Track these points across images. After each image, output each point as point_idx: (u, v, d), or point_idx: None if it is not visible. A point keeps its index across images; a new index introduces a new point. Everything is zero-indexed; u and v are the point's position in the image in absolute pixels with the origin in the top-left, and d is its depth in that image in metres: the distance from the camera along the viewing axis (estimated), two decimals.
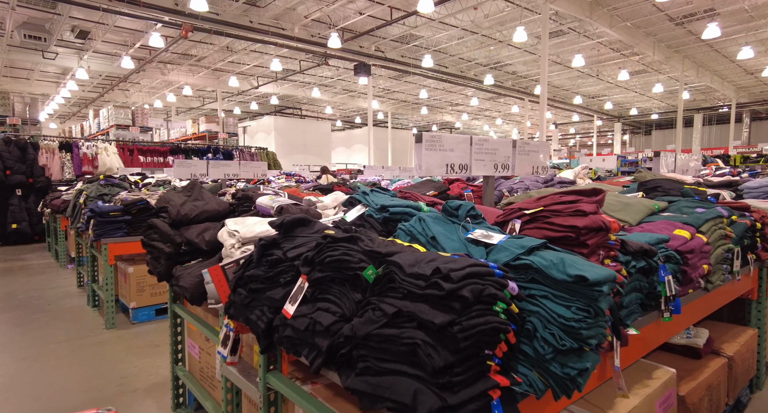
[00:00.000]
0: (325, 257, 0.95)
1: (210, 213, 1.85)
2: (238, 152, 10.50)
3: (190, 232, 1.71)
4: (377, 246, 0.93)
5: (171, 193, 1.95)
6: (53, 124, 28.29)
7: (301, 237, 1.15)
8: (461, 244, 1.01)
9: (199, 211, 1.82)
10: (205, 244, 1.63)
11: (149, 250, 1.82)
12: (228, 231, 1.47)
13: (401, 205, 1.29)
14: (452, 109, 28.59)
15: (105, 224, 2.99)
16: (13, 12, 12.23)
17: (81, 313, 3.59)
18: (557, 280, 0.83)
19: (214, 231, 1.66)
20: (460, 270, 0.75)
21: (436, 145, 1.79)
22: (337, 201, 1.84)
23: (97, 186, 3.61)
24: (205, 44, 15.54)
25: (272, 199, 1.72)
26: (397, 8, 12.69)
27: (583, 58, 14.89)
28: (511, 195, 2.14)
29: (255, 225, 1.45)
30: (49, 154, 7.00)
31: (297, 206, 1.68)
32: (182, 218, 1.78)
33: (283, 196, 1.86)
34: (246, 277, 1.16)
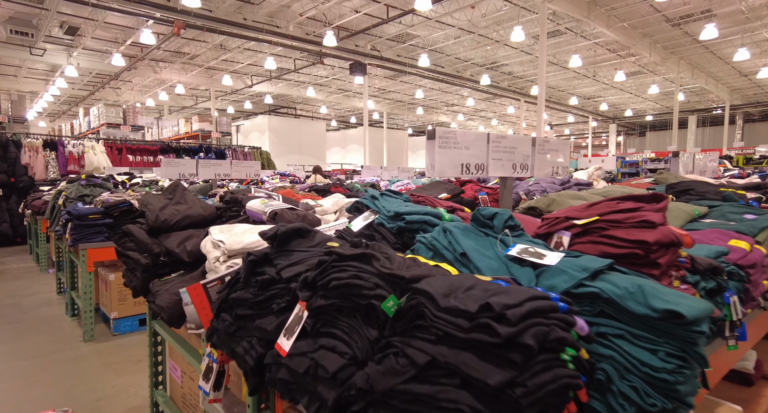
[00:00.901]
0: (329, 280, 0.75)
1: (194, 219, 1.64)
2: (231, 151, 10.25)
3: (170, 241, 1.50)
4: (397, 266, 0.73)
5: (150, 196, 1.74)
6: (42, 122, 27.75)
7: (299, 252, 0.94)
8: (500, 263, 0.81)
9: (181, 216, 1.61)
10: (187, 255, 1.41)
11: (124, 261, 1.61)
12: (212, 241, 1.26)
13: (419, 211, 1.09)
14: (448, 110, 28.50)
15: (84, 228, 2.76)
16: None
17: (58, 323, 3.34)
18: (637, 315, 0.64)
19: (198, 239, 1.45)
20: (517, 306, 0.55)
21: (450, 142, 1.59)
22: (338, 205, 1.63)
23: (78, 186, 3.36)
24: (198, 42, 15.24)
25: (264, 202, 1.51)
26: (393, 6, 12.51)
27: (580, 59, 14.80)
28: (529, 198, 1.95)
29: (244, 234, 1.25)
30: (32, 153, 6.71)
31: (293, 211, 1.48)
32: (162, 224, 1.56)
33: (277, 199, 1.65)
34: (231, 300, 0.95)
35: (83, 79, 19.09)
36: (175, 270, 1.50)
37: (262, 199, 1.58)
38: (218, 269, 1.18)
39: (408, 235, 1.08)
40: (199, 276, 1.32)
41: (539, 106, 12.81)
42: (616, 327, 0.64)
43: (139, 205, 1.72)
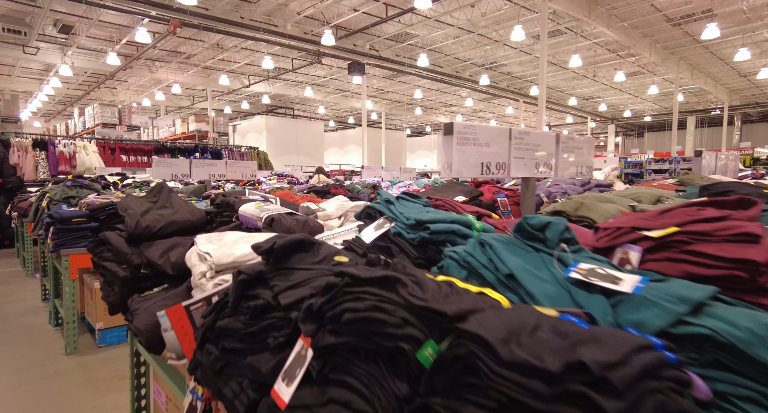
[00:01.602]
0: (341, 311, 0.57)
1: (180, 225, 1.46)
2: (228, 152, 10.05)
3: (152, 250, 1.32)
4: (432, 296, 0.55)
5: (131, 199, 1.55)
6: (37, 122, 27.46)
7: (301, 271, 0.77)
8: (560, 289, 0.63)
9: (165, 222, 1.43)
10: (171, 267, 1.24)
11: (101, 273, 1.43)
12: (198, 252, 1.08)
13: (445, 219, 0.91)
14: (446, 110, 28.40)
15: (66, 232, 2.57)
16: None
17: (40, 334, 3.14)
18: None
19: (184, 249, 1.27)
20: (621, 364, 0.38)
21: (470, 138, 1.42)
22: (342, 209, 1.45)
23: (63, 188, 3.16)
24: (195, 41, 15.05)
25: (260, 207, 1.34)
26: (392, 5, 12.36)
27: (580, 59, 14.70)
28: (552, 201, 1.78)
29: (235, 244, 1.07)
30: (21, 152, 6.50)
31: (292, 217, 1.30)
32: (143, 232, 1.38)
33: (275, 202, 1.48)
34: (218, 329, 0.78)
35: (78, 78, 18.86)
36: (158, 283, 1.32)
37: (257, 202, 1.40)
38: (204, 287, 1.00)
39: (432, 248, 0.90)
40: (184, 292, 1.14)
41: (540, 106, 12.68)
42: (742, 386, 0.46)
43: (119, 209, 1.54)
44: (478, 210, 1.21)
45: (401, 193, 1.07)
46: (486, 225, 0.91)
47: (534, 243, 0.74)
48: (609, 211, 1.50)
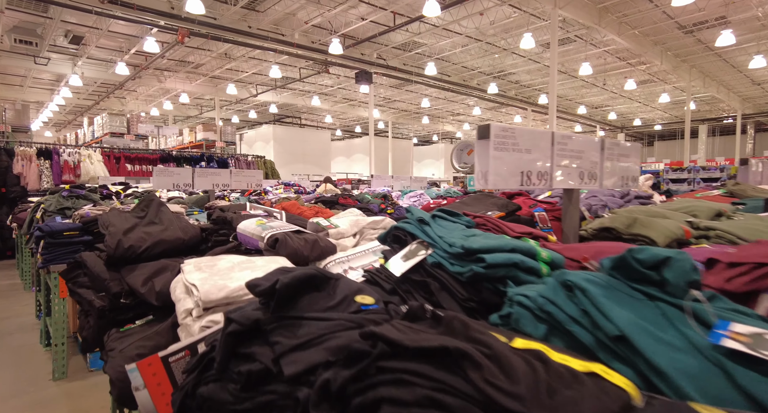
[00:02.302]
0: (375, 399, 0.36)
1: (170, 244, 1.26)
2: (234, 160, 9.94)
3: (135, 276, 1.12)
4: (525, 385, 0.34)
5: (113, 214, 1.36)
6: (48, 132, 27.79)
7: (312, 321, 0.56)
8: (703, 362, 0.40)
9: (152, 242, 1.23)
10: (156, 297, 1.03)
11: (77, 301, 1.23)
12: (185, 282, 0.88)
13: (502, 247, 0.68)
14: (453, 119, 28.31)
15: (57, 246, 2.39)
16: (2, 15, 11.78)
17: (29, 355, 2.95)
18: None
19: (172, 273, 1.07)
20: None
21: (509, 142, 1.21)
22: (357, 226, 1.25)
23: (59, 198, 3.00)
24: (203, 51, 15.12)
25: (262, 223, 1.14)
26: (400, 14, 12.32)
27: (590, 67, 14.53)
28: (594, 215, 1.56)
29: (230, 272, 0.87)
30: (25, 161, 6.41)
31: (300, 235, 1.10)
32: (125, 253, 1.19)
33: (280, 217, 1.28)
34: (199, 398, 0.57)
35: (88, 88, 19.03)
36: (141, 314, 1.12)
37: (258, 218, 1.20)
38: (190, 329, 0.80)
39: (487, 286, 0.67)
40: (169, 330, 0.94)
41: (551, 115, 12.49)
42: None
43: (99, 225, 1.35)
44: (532, 231, 0.99)
45: (437, 211, 0.86)
46: (554, 255, 0.70)
47: (645, 287, 0.52)
48: (670, 229, 1.28)
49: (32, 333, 3.31)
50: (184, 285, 0.88)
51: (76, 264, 1.27)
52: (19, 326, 3.52)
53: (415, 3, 11.72)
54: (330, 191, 8.33)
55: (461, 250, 0.67)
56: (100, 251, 1.26)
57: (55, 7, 11.20)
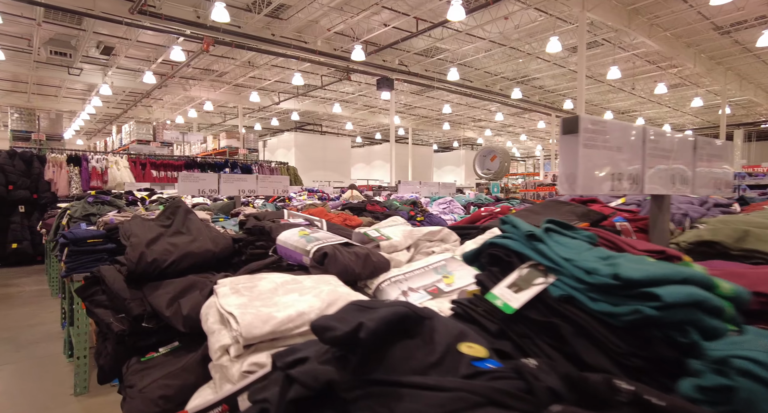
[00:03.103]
0: None
1: (198, 257, 1.11)
2: (258, 167, 9.95)
3: (158, 295, 0.97)
4: None
5: (136, 223, 1.21)
6: (80, 140, 28.82)
7: (415, 390, 0.37)
8: None
9: (178, 255, 1.08)
10: (183, 322, 0.88)
11: (95, 322, 1.08)
12: (218, 308, 0.71)
13: (672, 277, 0.47)
14: (474, 125, 27.99)
15: (81, 254, 2.30)
16: (39, 28, 12.26)
17: (51, 367, 2.86)
18: None
19: (201, 293, 0.92)
20: None
21: (599, 138, 1.02)
22: (412, 237, 1.06)
23: (84, 204, 2.94)
24: (227, 59, 15.38)
25: (305, 234, 0.97)
26: (423, 19, 12.22)
27: (618, 71, 14.08)
28: (679, 226, 1.34)
29: (273, 296, 0.69)
30: (56, 168, 6.52)
31: (349, 249, 0.93)
32: (147, 268, 1.04)
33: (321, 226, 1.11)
34: None
35: (117, 97, 19.64)
36: (166, 340, 0.96)
37: (301, 228, 1.04)
38: (227, 372, 0.62)
39: (657, 334, 0.45)
40: (198, 364, 0.77)
41: None
42: None
43: (120, 235, 1.20)
44: (665, 250, 0.76)
45: (547, 221, 0.66)
46: (737, 288, 0.49)
47: None
48: None
49: (57, 342, 3.25)
50: (219, 313, 0.71)
51: (93, 280, 1.13)
52: (44, 334, 3.47)
53: (438, 8, 11.61)
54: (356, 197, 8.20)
55: (611, 281, 0.47)
56: (120, 264, 1.12)
57: (88, 19, 11.60)
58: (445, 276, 0.91)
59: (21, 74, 16.24)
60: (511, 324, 0.52)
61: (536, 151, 35.69)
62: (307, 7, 11.43)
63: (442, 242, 1.08)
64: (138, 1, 9.76)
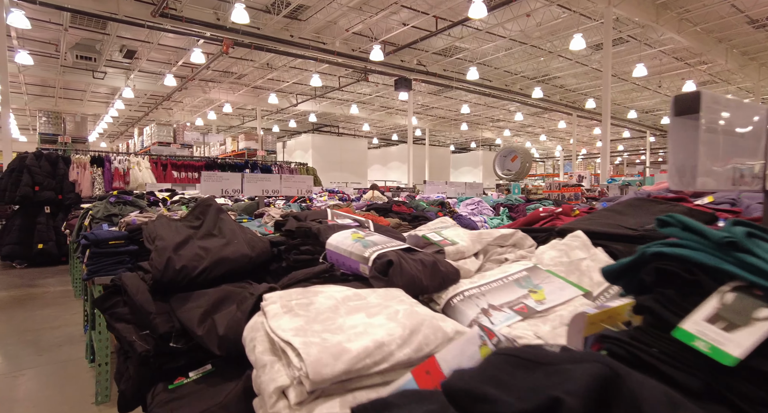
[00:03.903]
0: None
1: (234, 263, 0.96)
2: (277, 168, 9.92)
3: (189, 310, 0.82)
4: None
5: (161, 224, 1.07)
6: (103, 143, 29.54)
7: None
8: None
9: (211, 261, 0.93)
10: (218, 344, 0.73)
11: (116, 338, 0.94)
12: (271, 333, 0.55)
13: None
14: (493, 126, 27.60)
15: (102, 256, 2.20)
16: (66, 33, 12.56)
17: (74, 372, 2.79)
18: None
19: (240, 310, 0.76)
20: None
21: (718, 122, 0.85)
22: (481, 241, 0.89)
23: (106, 204, 2.86)
24: (246, 61, 15.48)
25: (360, 238, 0.82)
26: (442, 18, 12.03)
27: (645, 68, 13.60)
28: None
29: (335, 316, 0.52)
30: (80, 169, 6.57)
31: (414, 256, 0.77)
32: (176, 276, 0.90)
33: (369, 228, 0.95)
34: None
35: (139, 100, 20.01)
36: (197, 363, 0.81)
37: (353, 230, 0.88)
38: None
39: None
40: (240, 400, 0.62)
41: (604, 120, 11.75)
42: None
43: (144, 238, 1.06)
44: None
45: (737, 223, 0.49)
46: None
47: None
48: None
49: (79, 345, 3.19)
50: (269, 339, 0.55)
51: (114, 289, 1.00)
52: (67, 337, 3.42)
53: (458, 6, 11.41)
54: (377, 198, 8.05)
55: None
56: (144, 271, 0.98)
57: (112, 24, 11.81)
58: (533, 291, 0.74)
59: (49, 79, 16.69)
60: (731, 381, 0.35)
61: (556, 152, 34.98)
62: (325, 8, 11.38)
63: (515, 247, 0.91)
64: (160, 4, 9.86)
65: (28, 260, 6.65)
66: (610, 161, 29.25)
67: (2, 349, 3.29)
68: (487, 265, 0.87)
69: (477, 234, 0.92)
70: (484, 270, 0.86)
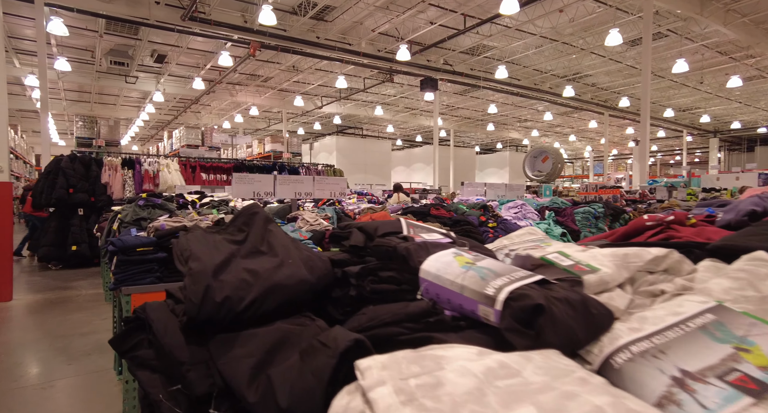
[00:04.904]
0: None
1: (290, 292, 0.72)
2: (305, 169, 9.83)
3: (234, 359, 0.58)
4: None
5: (197, 238, 0.82)
6: (135, 146, 30.45)
7: None
8: None
9: (263, 289, 0.69)
10: None
11: (141, 387, 0.72)
12: None
13: None
14: (520, 126, 26.93)
15: (130, 264, 2.05)
16: (101, 39, 12.92)
17: (102, 385, 2.65)
18: None
19: (308, 368, 0.53)
20: None
21: None
22: (628, 267, 0.62)
23: (135, 208, 2.74)
24: (272, 64, 15.57)
25: (468, 263, 0.57)
26: (471, 16, 11.71)
27: (686, 63, 12.86)
28: None
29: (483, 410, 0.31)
30: (111, 171, 6.61)
31: (551, 291, 0.53)
32: (216, 311, 0.67)
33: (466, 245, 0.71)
34: None
35: (168, 104, 20.47)
36: None
37: (454, 251, 0.63)
38: None
39: None
40: None
41: (643, 118, 11.18)
42: None
43: (175, 255, 0.83)
44: None
45: None
46: None
47: None
48: None
49: (108, 354, 3.08)
50: None
51: (136, 323, 0.78)
52: (96, 345, 3.33)
53: (486, 4, 11.08)
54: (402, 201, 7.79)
55: None
56: (175, 299, 0.76)
57: (144, 29, 12.06)
58: (742, 349, 0.49)
59: (85, 84, 17.25)
60: None
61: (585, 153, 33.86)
62: (352, 8, 11.26)
63: (667, 273, 0.65)
64: (189, 8, 9.95)
65: (63, 261, 6.74)
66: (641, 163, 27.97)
67: (35, 356, 3.23)
68: (637, 300, 0.62)
69: (621, 255, 0.65)
70: (633, 306, 0.61)
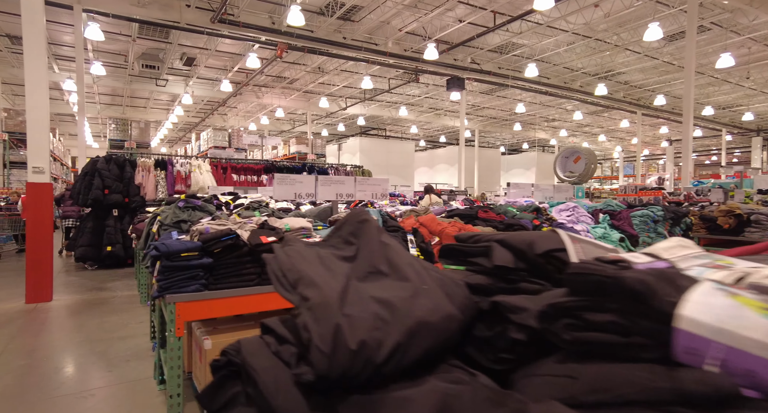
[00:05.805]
0: None
1: (437, 331, 0.46)
2: (333, 170, 9.74)
3: None
4: None
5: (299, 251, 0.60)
6: (164, 148, 31.24)
7: None
8: None
9: (405, 329, 0.41)
10: None
11: None
12: None
13: None
14: (548, 126, 26.25)
15: (174, 270, 1.93)
16: (134, 43, 13.23)
17: (143, 396, 2.55)
18: None
19: None
20: None
21: None
22: None
23: (175, 209, 2.64)
24: (298, 65, 15.62)
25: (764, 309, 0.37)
26: (501, 13, 11.38)
27: (732, 58, 12.15)
28: None
29: None
30: (145, 172, 6.66)
31: None
32: (351, 364, 0.45)
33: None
34: None
35: (196, 106, 20.84)
36: None
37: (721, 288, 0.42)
38: None
39: None
40: None
41: (686, 116, 10.62)
42: None
43: (274, 278, 0.61)
44: None
45: None
46: None
47: None
48: None
49: (147, 361, 3.00)
50: None
51: (228, 371, 0.56)
52: (134, 351, 3.25)
53: (517, 0, 10.74)
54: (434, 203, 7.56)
55: None
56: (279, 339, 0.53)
57: (174, 32, 12.27)
58: None
59: (118, 88, 17.73)
60: None
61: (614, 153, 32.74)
62: (380, 7, 11.12)
63: None
64: (219, 10, 10.03)
65: (98, 262, 6.82)
66: (675, 163, 26.67)
67: (76, 361, 3.18)
68: None
69: None
70: None
